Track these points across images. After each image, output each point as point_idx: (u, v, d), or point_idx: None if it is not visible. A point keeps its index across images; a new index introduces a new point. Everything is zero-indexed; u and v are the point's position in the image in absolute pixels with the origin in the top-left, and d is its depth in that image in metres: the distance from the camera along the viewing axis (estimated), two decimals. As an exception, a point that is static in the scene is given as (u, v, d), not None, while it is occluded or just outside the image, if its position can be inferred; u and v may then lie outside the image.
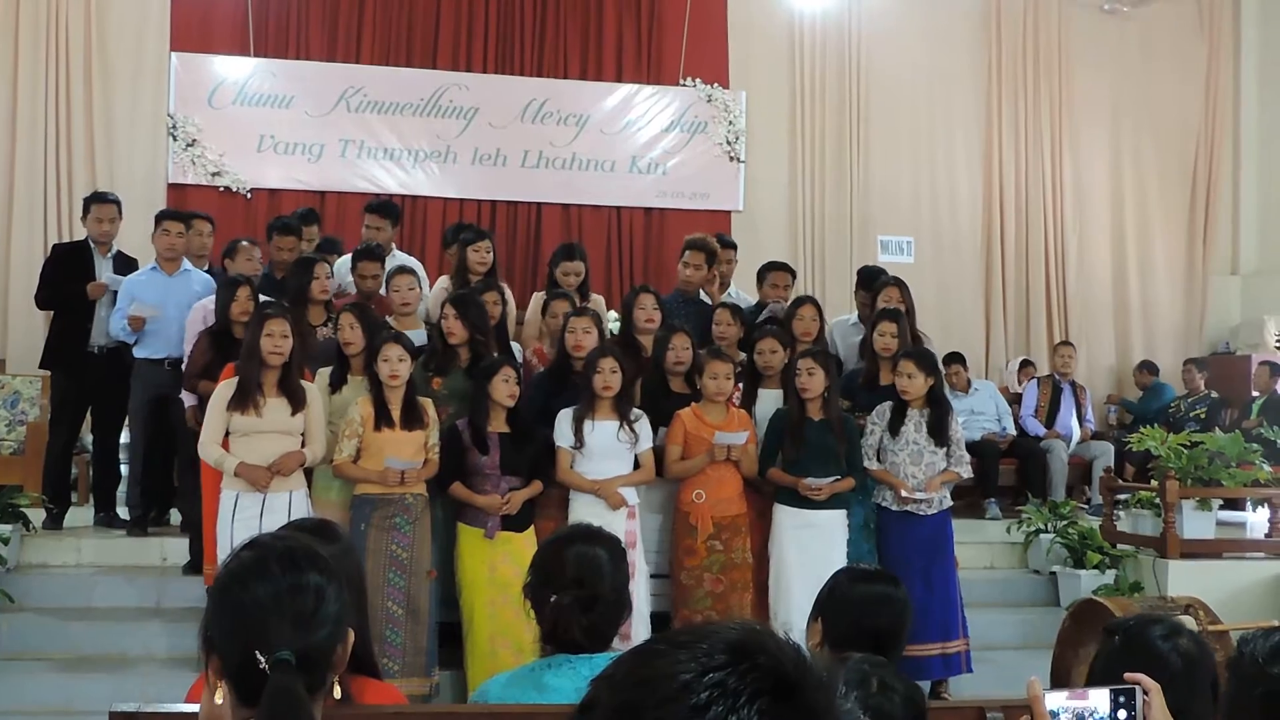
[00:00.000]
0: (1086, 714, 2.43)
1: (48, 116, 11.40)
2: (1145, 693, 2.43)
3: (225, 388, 6.25)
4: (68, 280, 8.26)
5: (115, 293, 8.13)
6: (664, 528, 6.91)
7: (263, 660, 1.98)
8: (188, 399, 7.51)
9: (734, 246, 9.15)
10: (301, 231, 8.54)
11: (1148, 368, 12.58)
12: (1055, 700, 2.43)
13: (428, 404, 6.53)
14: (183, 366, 7.60)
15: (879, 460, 6.92)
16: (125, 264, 8.43)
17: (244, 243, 8.15)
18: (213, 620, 2.10)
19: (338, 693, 2.19)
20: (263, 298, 7.25)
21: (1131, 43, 13.64)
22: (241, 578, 2.09)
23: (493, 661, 5.97)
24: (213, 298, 7.65)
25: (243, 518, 6.03)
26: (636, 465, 6.70)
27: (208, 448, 6.25)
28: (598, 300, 8.39)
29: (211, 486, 6.70)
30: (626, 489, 6.63)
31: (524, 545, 6.18)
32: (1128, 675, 2.47)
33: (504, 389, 6.43)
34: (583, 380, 6.67)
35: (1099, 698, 2.43)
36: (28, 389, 9.64)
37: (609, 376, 6.53)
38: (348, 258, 8.38)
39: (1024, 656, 7.19)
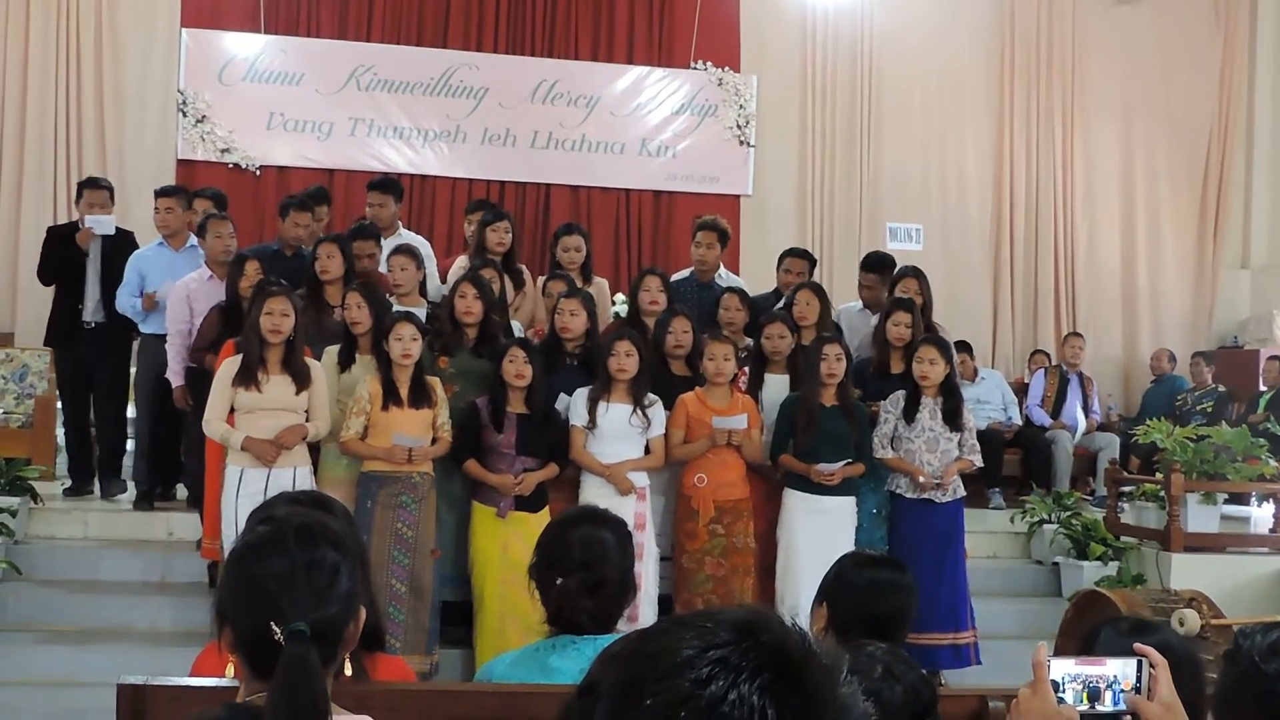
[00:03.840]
0: (1102, 683, 2.44)
1: (58, 92, 11.41)
2: (1153, 666, 2.45)
3: (230, 364, 6.25)
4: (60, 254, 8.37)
5: (103, 266, 8.23)
6: (666, 511, 6.92)
7: (278, 632, 2.00)
8: (175, 379, 7.53)
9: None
10: (314, 210, 8.52)
11: (1169, 355, 12.53)
12: (1062, 668, 2.45)
13: (436, 383, 6.53)
14: (165, 344, 7.63)
15: (893, 448, 6.93)
16: (123, 237, 8.45)
17: (213, 219, 7.96)
18: (227, 592, 2.13)
19: (349, 669, 2.21)
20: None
21: (1145, 34, 13.57)
22: (258, 551, 2.11)
23: (501, 640, 5.99)
24: (195, 274, 7.67)
25: (247, 493, 6.02)
26: (648, 450, 6.71)
27: (212, 424, 6.26)
28: (601, 284, 8.36)
29: (214, 464, 6.73)
30: (636, 472, 6.64)
31: (537, 526, 6.10)
32: (1137, 647, 2.48)
33: (510, 369, 6.44)
34: (599, 362, 6.69)
35: (1121, 667, 2.44)
36: (36, 362, 9.67)
37: (624, 359, 6.53)
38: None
39: (1025, 646, 7.12)
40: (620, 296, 9.66)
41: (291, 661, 1.96)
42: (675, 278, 8.33)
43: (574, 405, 6.64)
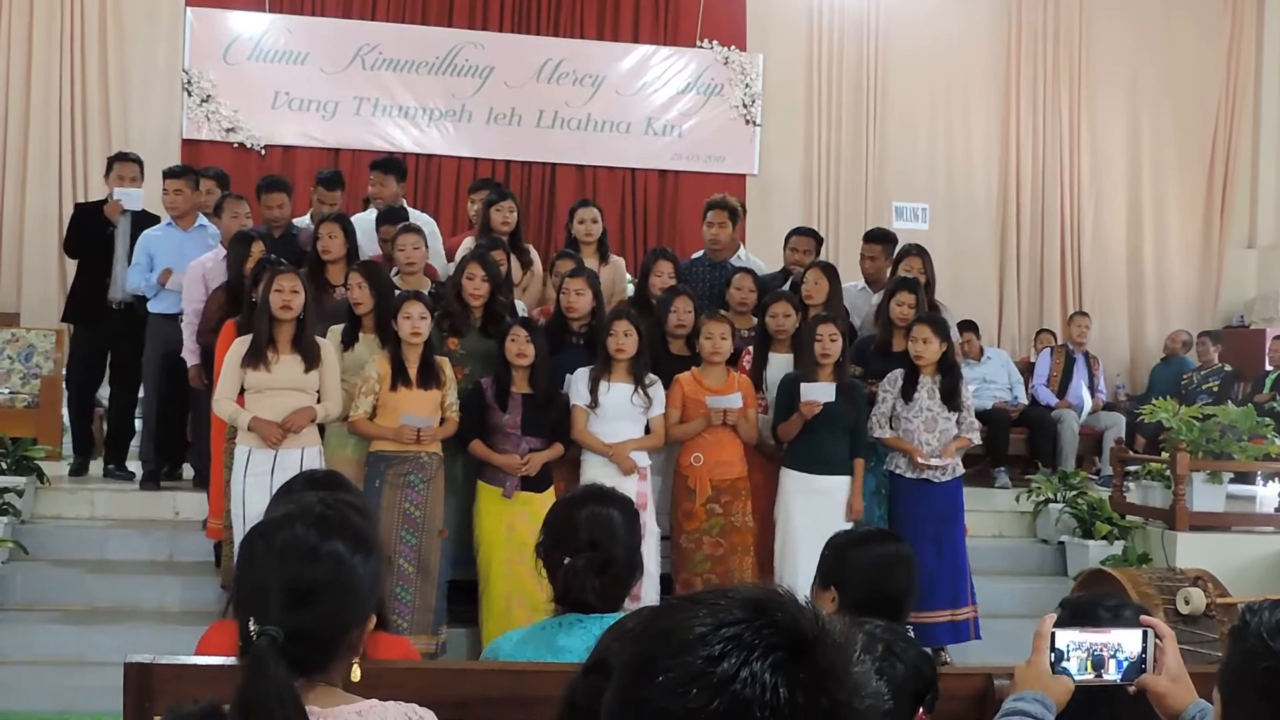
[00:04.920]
0: (1106, 652, 2.46)
1: (63, 72, 11.41)
2: (1159, 638, 2.46)
3: (240, 344, 6.23)
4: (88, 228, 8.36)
5: (131, 245, 8.18)
6: (664, 490, 6.92)
7: (254, 628, 1.96)
8: (190, 358, 7.52)
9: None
10: (289, 189, 8.47)
11: (1185, 338, 12.46)
12: (1066, 637, 2.47)
13: (445, 363, 6.52)
14: (180, 321, 7.62)
15: (891, 427, 6.92)
16: (146, 220, 8.45)
17: (230, 199, 8.05)
18: (236, 567, 2.11)
19: (356, 674, 2.13)
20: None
21: (1152, 12, 13.52)
22: (266, 531, 2.08)
23: (507, 619, 6.01)
24: (210, 254, 7.68)
25: (255, 473, 6.03)
26: (648, 430, 6.71)
27: (221, 403, 6.24)
28: (618, 261, 8.34)
29: (218, 444, 6.74)
30: (638, 452, 6.64)
31: (542, 506, 6.14)
32: (1143, 619, 2.49)
33: (511, 349, 6.43)
34: (598, 341, 6.68)
35: (1125, 637, 2.46)
36: (42, 342, 9.66)
37: (621, 339, 6.52)
38: (365, 216, 8.37)
39: (1030, 625, 7.13)
40: (626, 276, 9.64)
41: (253, 664, 1.92)
42: (694, 257, 8.34)
43: (575, 384, 6.64)
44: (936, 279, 7.95)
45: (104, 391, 8.79)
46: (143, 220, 8.41)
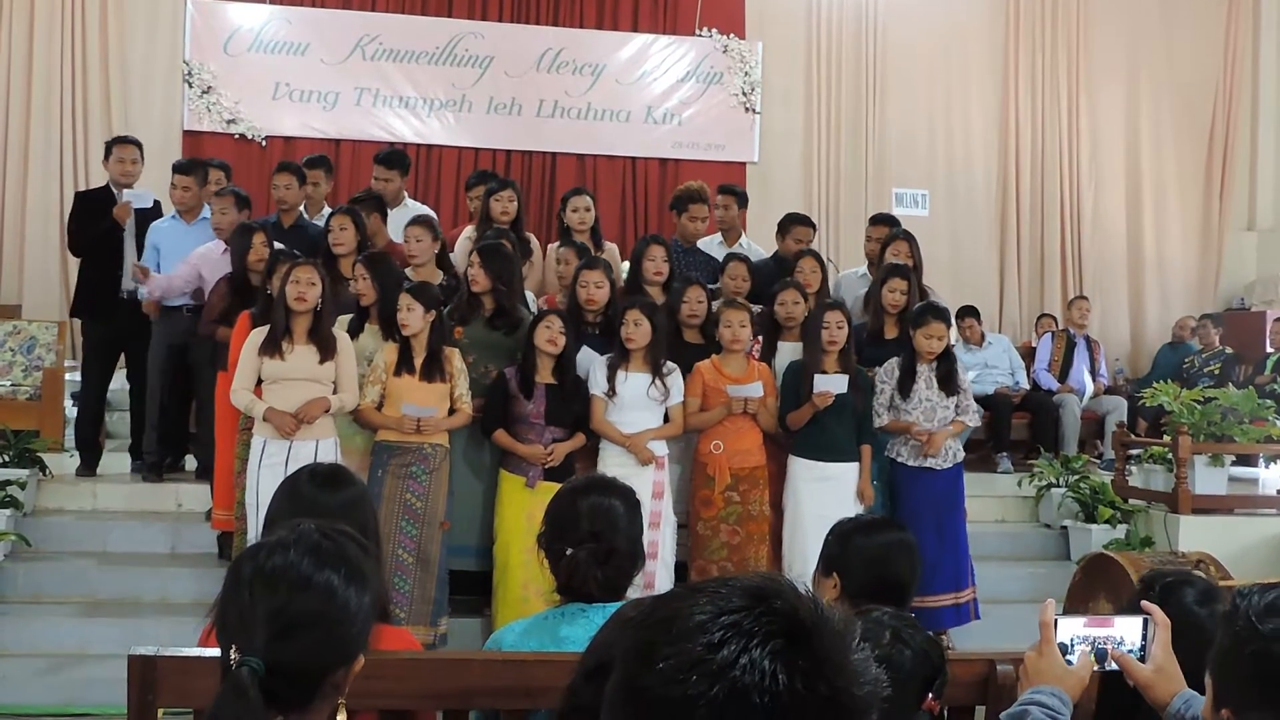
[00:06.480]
0: (1110, 644, 2.45)
1: (64, 64, 11.42)
2: (1155, 625, 2.47)
3: (257, 334, 6.26)
4: (94, 224, 8.26)
5: (139, 236, 8.15)
6: (682, 478, 6.93)
7: (234, 656, 1.89)
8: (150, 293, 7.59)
9: (732, 193, 9.14)
10: (304, 174, 8.41)
11: (1194, 324, 12.43)
12: (1070, 628, 2.46)
13: (454, 354, 6.51)
14: (185, 312, 7.60)
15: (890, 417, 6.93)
16: (146, 210, 8.42)
17: (217, 195, 7.94)
18: (224, 588, 2.01)
19: (343, 718, 2.05)
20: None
21: (1151, -5, 13.53)
22: (257, 554, 1.99)
23: (524, 608, 5.98)
24: (209, 246, 7.66)
25: (269, 464, 6.04)
26: (667, 418, 6.71)
27: (238, 393, 6.24)
28: (611, 249, 8.35)
29: (226, 434, 6.74)
30: (655, 441, 6.65)
31: (566, 496, 6.17)
32: (1144, 604, 2.49)
33: (543, 335, 6.44)
34: (615, 331, 6.68)
35: (1127, 627, 2.45)
36: (44, 335, 9.64)
37: (631, 329, 6.53)
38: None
39: (1033, 610, 7.11)
40: (625, 264, 9.64)
41: (233, 685, 1.85)
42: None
43: (593, 374, 6.64)
44: (937, 264, 7.96)
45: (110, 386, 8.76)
46: (150, 212, 8.37)
